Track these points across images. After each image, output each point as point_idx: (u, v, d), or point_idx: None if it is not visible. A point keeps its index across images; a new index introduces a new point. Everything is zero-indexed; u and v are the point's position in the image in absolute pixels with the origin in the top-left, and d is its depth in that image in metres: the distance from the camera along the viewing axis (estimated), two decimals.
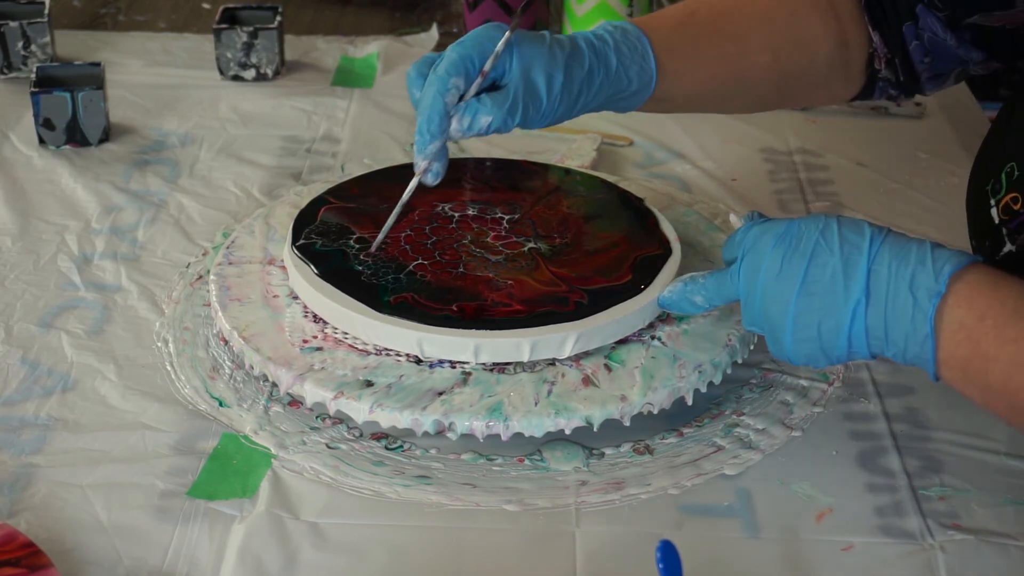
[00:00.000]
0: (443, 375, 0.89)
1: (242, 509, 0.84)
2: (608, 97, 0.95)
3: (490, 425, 0.86)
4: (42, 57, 1.39)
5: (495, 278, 0.94)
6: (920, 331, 0.78)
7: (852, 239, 0.80)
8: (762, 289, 0.83)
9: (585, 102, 0.94)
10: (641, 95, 0.97)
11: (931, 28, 0.97)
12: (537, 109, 0.92)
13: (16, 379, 0.95)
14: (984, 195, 0.91)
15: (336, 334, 0.93)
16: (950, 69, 1.00)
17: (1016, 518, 0.84)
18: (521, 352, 0.89)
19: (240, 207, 1.17)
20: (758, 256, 0.83)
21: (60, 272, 1.07)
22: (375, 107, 1.36)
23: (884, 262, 0.79)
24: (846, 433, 0.92)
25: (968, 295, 0.77)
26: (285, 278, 0.99)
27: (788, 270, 0.81)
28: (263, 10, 1.43)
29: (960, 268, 0.78)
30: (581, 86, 0.93)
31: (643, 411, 0.88)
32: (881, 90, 1.03)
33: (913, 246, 0.79)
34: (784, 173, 1.25)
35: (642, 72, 0.95)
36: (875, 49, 1.00)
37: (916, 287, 0.78)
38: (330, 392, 0.87)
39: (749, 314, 0.85)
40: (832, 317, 0.80)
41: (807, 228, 0.82)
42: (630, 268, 0.96)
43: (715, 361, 0.91)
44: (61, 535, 0.81)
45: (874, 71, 1.01)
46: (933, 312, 0.77)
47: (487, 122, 0.90)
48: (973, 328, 0.76)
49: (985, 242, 0.90)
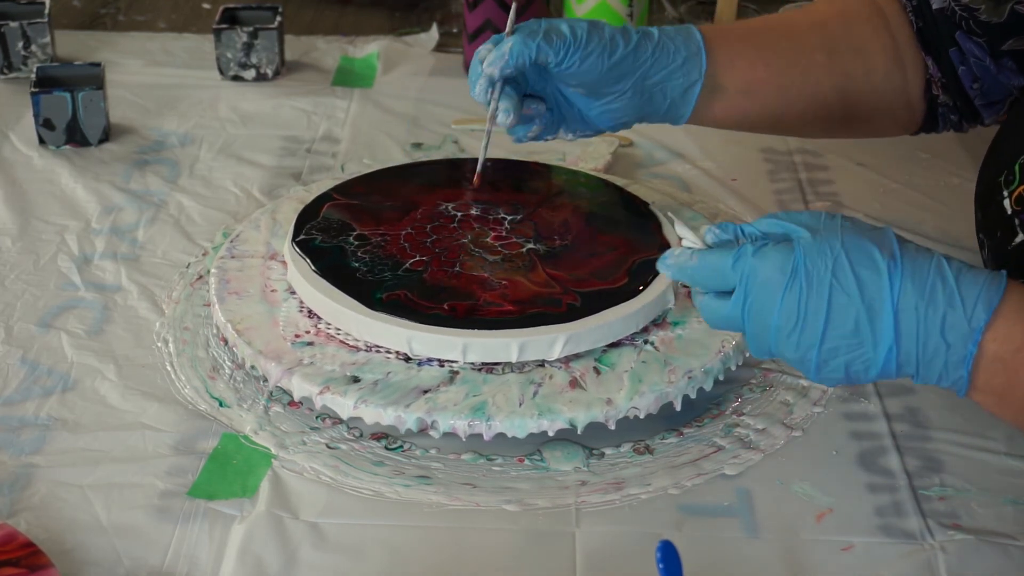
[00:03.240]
0: (431, 373, 0.89)
1: (242, 509, 0.84)
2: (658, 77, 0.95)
3: (472, 424, 0.86)
4: (42, 57, 1.39)
5: (490, 278, 0.94)
6: (955, 374, 0.75)
7: (869, 278, 0.75)
8: (776, 333, 0.77)
9: (627, 67, 0.95)
10: (690, 75, 0.96)
11: (973, 54, 0.97)
12: (563, 43, 0.93)
13: (16, 379, 0.95)
14: (997, 187, 0.90)
15: (329, 330, 0.93)
16: (1003, 97, 0.99)
17: (1016, 518, 0.84)
18: (509, 353, 0.89)
19: (240, 207, 1.17)
20: (766, 300, 0.77)
21: (60, 272, 1.07)
22: (375, 107, 1.36)
23: (910, 303, 0.74)
24: (846, 433, 0.92)
25: (1004, 330, 0.74)
26: (285, 273, 0.99)
27: (806, 317, 0.76)
28: (263, 10, 1.43)
29: (993, 310, 0.74)
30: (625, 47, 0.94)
31: (629, 415, 0.88)
32: (943, 117, 1.02)
33: (937, 280, 0.74)
34: (784, 173, 1.25)
35: (688, 43, 0.95)
36: (931, 74, 1.00)
37: (948, 331, 0.74)
38: (316, 387, 0.88)
39: (759, 348, 0.79)
40: (860, 361, 0.76)
41: (814, 264, 0.75)
42: (627, 272, 0.96)
43: (707, 368, 0.91)
44: (61, 535, 0.81)
45: (933, 97, 1.01)
46: (971, 359, 0.75)
47: (509, 46, 0.92)
48: (1009, 360, 0.74)
49: (996, 233, 0.90)
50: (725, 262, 0.78)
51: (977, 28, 0.96)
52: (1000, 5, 0.95)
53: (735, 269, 0.77)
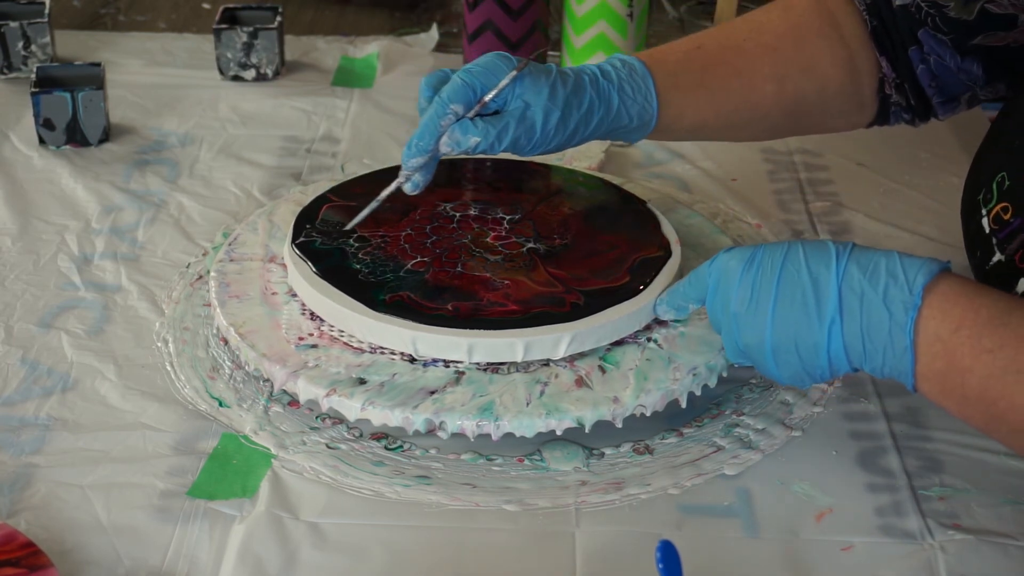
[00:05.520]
0: (436, 374, 0.89)
1: (242, 509, 0.84)
2: (607, 132, 0.97)
3: (480, 425, 0.86)
4: (42, 57, 1.39)
5: (492, 278, 0.94)
6: (899, 344, 0.77)
7: (818, 257, 0.80)
8: (735, 319, 0.83)
9: (582, 136, 0.96)
10: (641, 131, 0.98)
11: (936, 52, 0.97)
12: (529, 140, 0.94)
13: (16, 379, 0.95)
14: (976, 205, 0.91)
15: (332, 332, 0.93)
16: (959, 93, 1.00)
17: (1016, 518, 0.84)
18: (515, 352, 0.89)
19: (240, 207, 1.17)
20: (727, 288, 0.84)
21: (60, 272, 1.07)
22: (375, 107, 1.36)
23: (854, 278, 0.79)
24: (846, 433, 0.92)
25: (942, 306, 0.77)
26: (285, 275, 0.99)
27: (758, 297, 0.82)
28: (263, 10, 1.43)
29: (932, 278, 0.77)
30: (578, 123, 0.95)
31: (635, 413, 0.88)
32: (895, 115, 1.03)
33: (881, 259, 0.79)
34: (784, 173, 1.25)
35: (643, 112, 0.97)
36: (884, 74, 1.00)
37: (890, 301, 0.77)
38: (322, 389, 0.88)
39: (730, 346, 0.85)
40: (809, 338, 0.80)
41: (770, 253, 0.82)
42: (628, 270, 0.96)
43: (710, 364, 0.91)
44: (61, 535, 0.81)
45: (885, 96, 1.01)
46: (911, 326, 0.77)
47: (475, 143, 0.93)
48: (948, 339, 0.76)
49: (976, 252, 0.91)
50: (704, 267, 0.87)
51: (944, 25, 0.96)
52: (970, 3, 0.95)
53: (710, 269, 0.86)
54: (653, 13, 1.50)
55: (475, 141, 0.93)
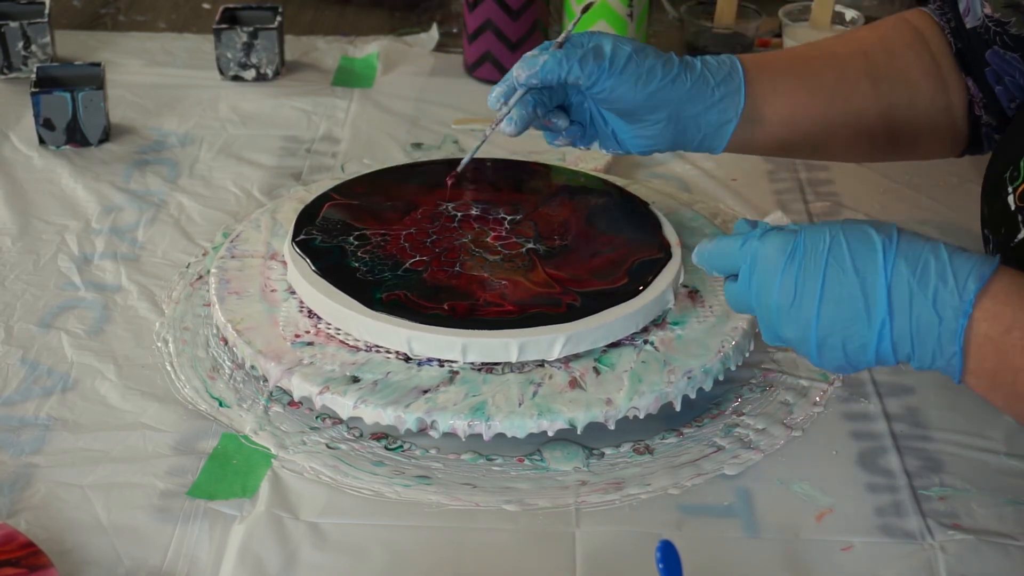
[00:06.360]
0: (430, 373, 0.89)
1: (242, 509, 0.84)
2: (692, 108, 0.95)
3: (472, 424, 0.86)
4: (42, 57, 1.39)
5: (489, 278, 0.94)
6: (948, 349, 0.76)
7: (863, 253, 0.77)
8: (777, 312, 0.80)
9: (662, 98, 0.94)
10: (729, 110, 0.96)
11: (1007, 72, 0.97)
12: (597, 67, 0.92)
13: (16, 379, 0.95)
14: (1002, 183, 0.91)
15: (329, 330, 0.93)
16: None
17: (1016, 518, 0.84)
18: (509, 352, 0.89)
19: (240, 207, 1.17)
20: (766, 279, 0.80)
21: (60, 272, 1.07)
22: (375, 107, 1.36)
23: (903, 278, 0.76)
24: (846, 433, 0.92)
25: (994, 310, 0.75)
26: (285, 273, 0.99)
27: (802, 294, 0.78)
28: (263, 10, 1.43)
29: (984, 283, 0.76)
30: (661, 71, 0.93)
31: (628, 415, 0.88)
32: (987, 137, 1.02)
33: (930, 257, 0.76)
34: (784, 173, 1.25)
35: (729, 78, 0.96)
36: (972, 95, 1.00)
37: (940, 305, 0.76)
38: (316, 387, 0.88)
39: (769, 334, 0.82)
40: (857, 338, 0.78)
41: (812, 245, 0.78)
42: (627, 271, 0.96)
43: (706, 368, 0.91)
44: (61, 535, 0.81)
45: (976, 117, 1.01)
46: (962, 332, 0.75)
47: (543, 61, 0.92)
48: (1000, 341, 0.75)
49: (1001, 229, 0.90)
50: (733, 246, 0.82)
51: (1010, 41, 0.96)
52: None
53: (742, 251, 0.81)
54: (653, 13, 1.50)
55: (543, 59, 0.92)
